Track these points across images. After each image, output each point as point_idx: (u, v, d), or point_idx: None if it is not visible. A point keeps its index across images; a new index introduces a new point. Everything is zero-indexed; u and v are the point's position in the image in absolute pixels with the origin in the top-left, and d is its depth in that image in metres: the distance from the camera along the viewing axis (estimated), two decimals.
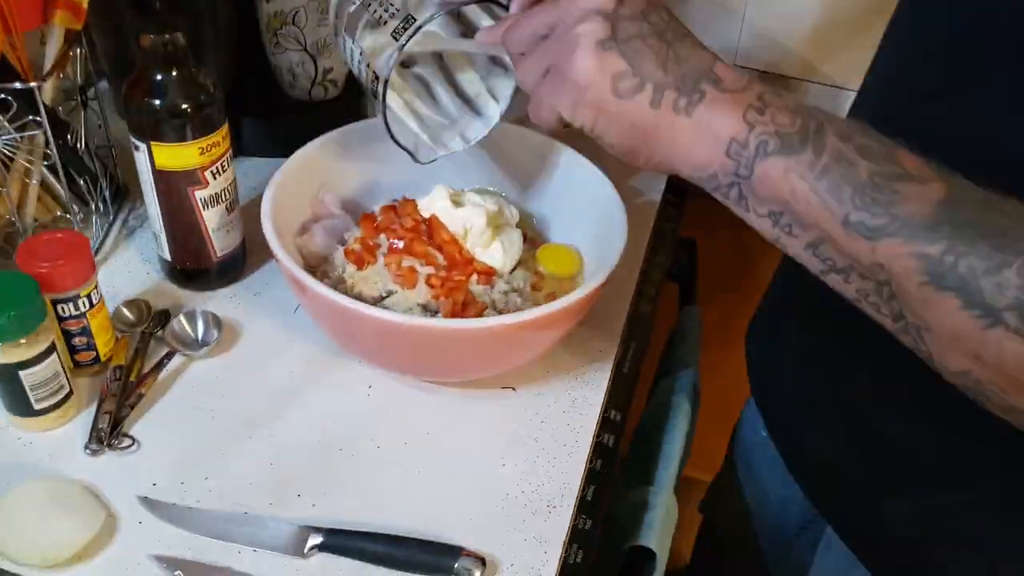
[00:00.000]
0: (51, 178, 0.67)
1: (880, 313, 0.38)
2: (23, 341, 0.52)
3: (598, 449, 0.64)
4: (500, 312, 0.61)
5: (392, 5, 0.55)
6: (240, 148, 0.83)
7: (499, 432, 0.60)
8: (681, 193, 0.91)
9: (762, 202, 0.40)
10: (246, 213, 0.69)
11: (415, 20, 0.53)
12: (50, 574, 0.49)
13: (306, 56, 0.81)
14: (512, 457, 0.58)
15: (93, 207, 0.70)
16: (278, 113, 0.85)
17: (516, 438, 0.60)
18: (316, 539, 0.51)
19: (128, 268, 0.70)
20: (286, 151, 0.81)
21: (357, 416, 0.60)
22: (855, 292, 0.39)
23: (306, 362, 0.64)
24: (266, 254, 0.62)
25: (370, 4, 0.57)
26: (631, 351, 0.76)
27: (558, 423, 0.61)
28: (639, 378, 0.78)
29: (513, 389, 0.63)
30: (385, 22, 0.55)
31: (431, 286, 0.60)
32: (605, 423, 0.66)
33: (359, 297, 0.60)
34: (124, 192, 0.77)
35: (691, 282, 1.00)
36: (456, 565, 0.50)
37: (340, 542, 0.51)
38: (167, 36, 0.56)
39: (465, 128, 0.64)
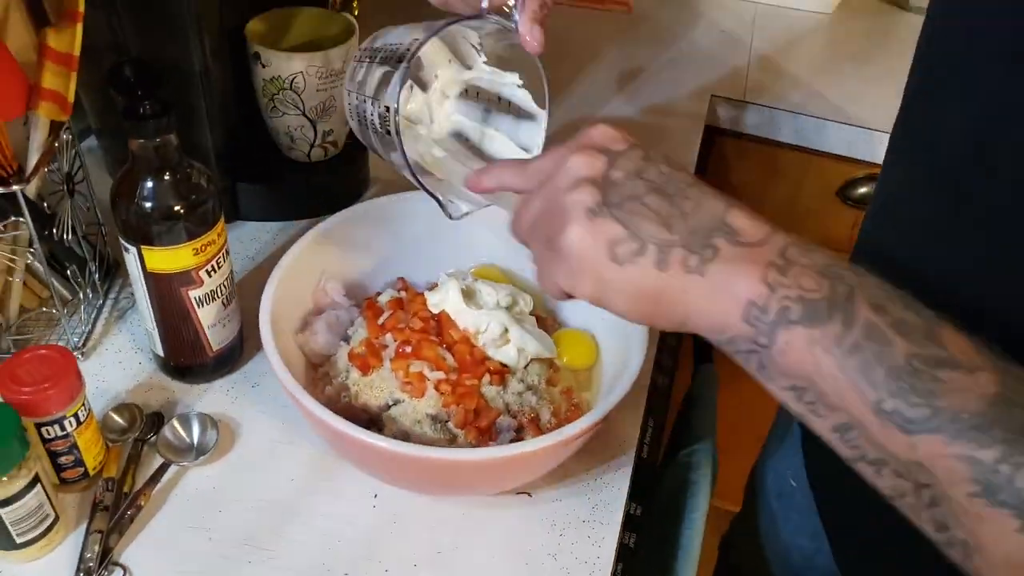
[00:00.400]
0: (37, 266, 0.63)
1: (920, 520, 0.34)
2: (3, 479, 0.48)
3: (620, 553, 0.60)
4: (513, 415, 0.58)
5: (396, 47, 0.52)
6: (237, 213, 0.80)
7: (515, 550, 0.56)
8: None
9: (784, 375, 0.35)
10: (244, 288, 0.65)
11: (413, 50, 0.50)
12: None
13: (305, 120, 0.77)
14: None
15: (81, 295, 0.66)
16: (276, 176, 0.81)
17: (534, 557, 0.56)
18: None
19: (119, 359, 0.67)
20: (286, 214, 0.77)
21: (363, 533, 0.57)
22: (890, 490, 0.34)
23: (308, 466, 0.60)
24: (252, 337, 0.58)
25: (377, 54, 0.54)
26: (649, 432, 0.73)
27: (578, 535, 0.58)
28: (659, 458, 0.75)
29: (529, 495, 0.60)
30: (388, 60, 0.52)
31: (441, 393, 0.57)
32: (627, 519, 0.63)
33: (364, 407, 0.57)
34: (114, 269, 0.73)
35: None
36: None
37: None
38: (158, 140, 0.52)
39: None
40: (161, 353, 0.63)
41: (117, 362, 0.66)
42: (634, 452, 0.64)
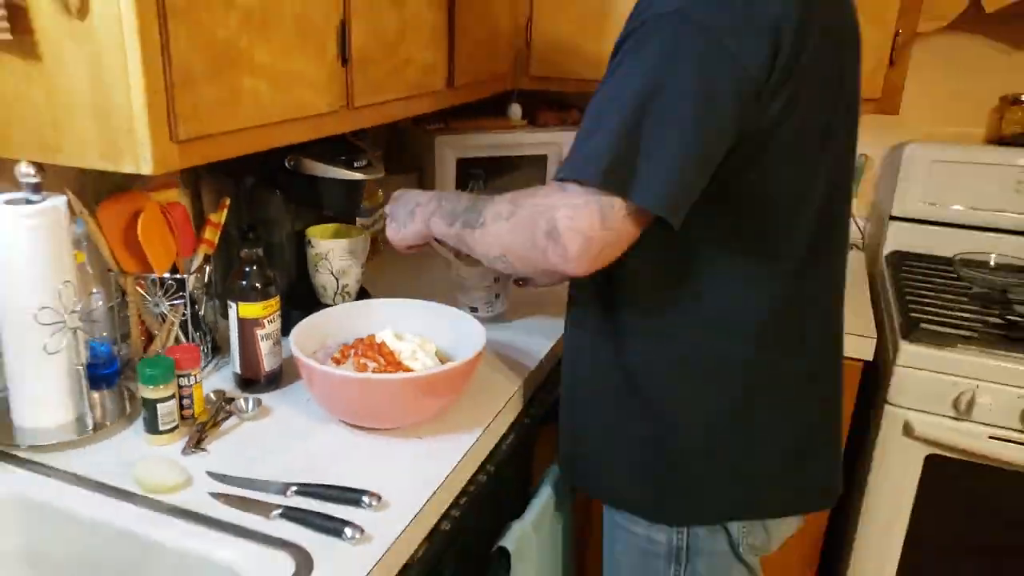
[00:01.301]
0: (179, 329, 1.23)
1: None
2: (161, 387, 1.03)
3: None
4: None
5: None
6: (288, 328, 1.39)
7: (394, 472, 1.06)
8: None
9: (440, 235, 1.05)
10: (285, 348, 1.22)
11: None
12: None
13: (332, 278, 1.39)
14: None
15: (203, 351, 1.24)
16: (314, 307, 1.41)
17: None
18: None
19: (218, 379, 1.23)
20: None
21: (329, 461, 1.06)
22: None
23: (304, 428, 1.12)
24: (293, 376, 1.14)
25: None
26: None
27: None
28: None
29: (420, 438, 1.10)
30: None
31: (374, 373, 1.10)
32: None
33: None
34: (219, 349, 1.31)
35: None
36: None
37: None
38: (255, 252, 1.14)
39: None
40: (238, 370, 1.19)
41: (217, 381, 1.22)
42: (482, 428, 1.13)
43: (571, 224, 0.85)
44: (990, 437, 1.47)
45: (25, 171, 0.99)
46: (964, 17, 1.68)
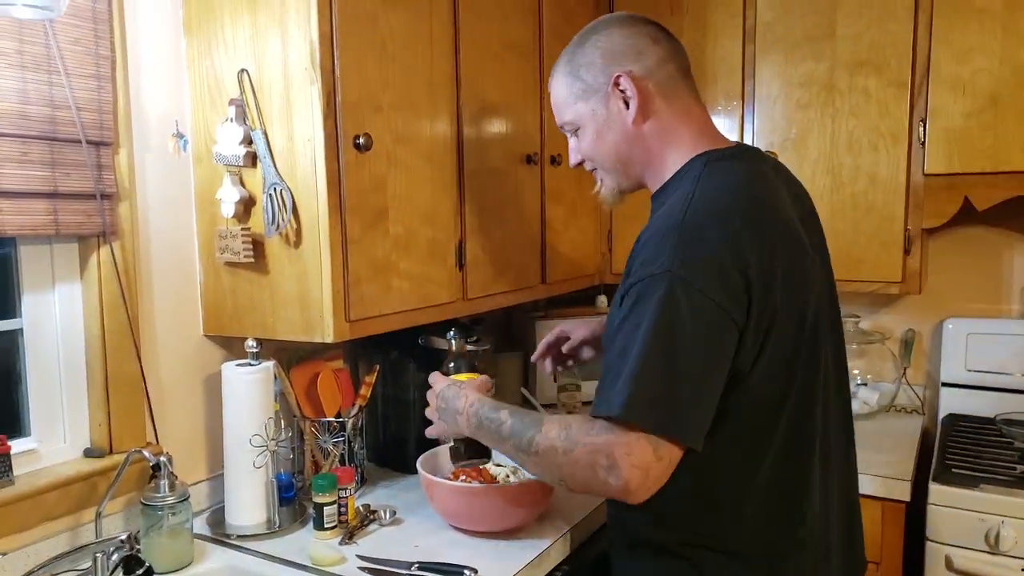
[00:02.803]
0: (338, 461, 1.67)
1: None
2: (327, 495, 1.46)
3: None
4: None
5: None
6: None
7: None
8: None
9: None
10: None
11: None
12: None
13: None
14: None
15: (357, 477, 1.67)
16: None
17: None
18: None
19: (366, 499, 1.64)
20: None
21: (442, 551, 1.43)
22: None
23: (425, 531, 1.50)
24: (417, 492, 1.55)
25: None
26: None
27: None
28: None
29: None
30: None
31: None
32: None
33: None
34: (365, 480, 1.74)
35: None
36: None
37: None
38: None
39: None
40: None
41: (364, 498, 1.64)
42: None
43: (630, 461, 0.97)
44: (1022, 570, 1.65)
45: (251, 344, 1.50)
46: (968, 214, 2.03)
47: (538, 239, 1.99)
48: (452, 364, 1.53)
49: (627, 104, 1.17)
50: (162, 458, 1.35)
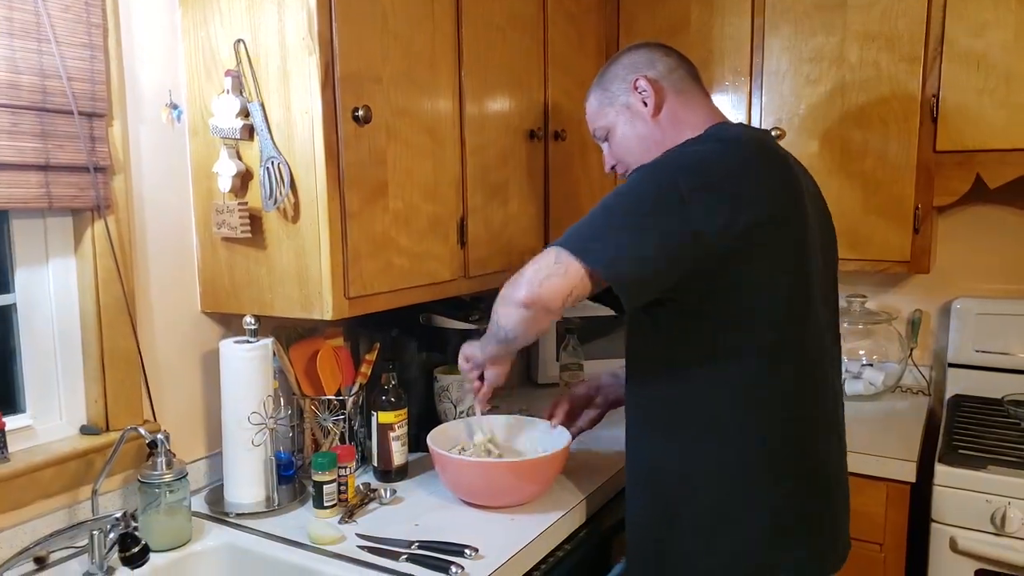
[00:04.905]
0: (338, 440, 1.65)
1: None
2: (327, 473, 1.44)
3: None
4: None
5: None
6: (419, 441, 1.78)
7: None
8: None
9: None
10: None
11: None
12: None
13: (451, 405, 1.80)
14: None
15: (356, 455, 1.66)
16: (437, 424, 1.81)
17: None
18: None
19: (366, 477, 1.63)
20: None
21: (443, 529, 1.42)
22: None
23: (426, 508, 1.49)
24: (417, 471, 1.53)
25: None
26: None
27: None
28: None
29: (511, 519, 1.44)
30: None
31: None
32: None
33: None
34: (367, 458, 1.72)
35: None
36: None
37: None
38: (392, 375, 1.58)
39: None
40: (375, 463, 1.59)
41: (362, 476, 1.62)
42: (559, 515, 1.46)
43: (534, 261, 1.20)
44: None
45: (249, 321, 1.48)
46: (979, 192, 1.99)
47: (542, 216, 1.96)
48: None
49: (645, 103, 1.37)
50: (159, 435, 1.33)
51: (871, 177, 2.00)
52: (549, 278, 1.17)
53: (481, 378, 1.47)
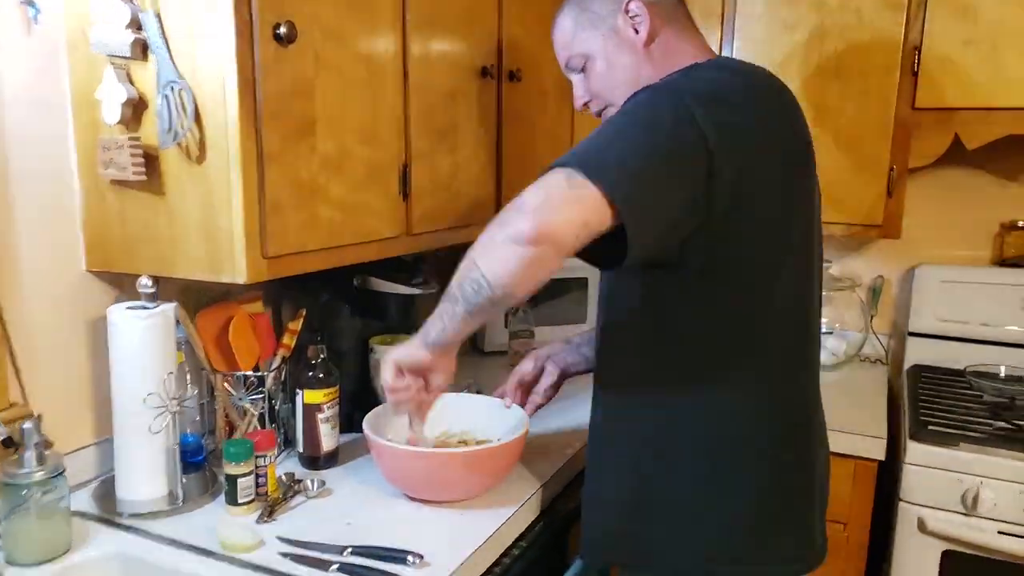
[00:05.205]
0: (257, 422, 1.42)
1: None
2: (242, 464, 1.22)
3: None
4: None
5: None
6: (352, 421, 1.57)
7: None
8: None
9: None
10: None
11: None
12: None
13: None
14: None
15: (277, 440, 1.43)
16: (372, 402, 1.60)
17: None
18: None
19: (289, 465, 1.41)
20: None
21: (380, 529, 1.22)
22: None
23: (359, 503, 1.28)
24: (348, 456, 1.32)
25: None
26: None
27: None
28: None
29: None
30: None
31: None
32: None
33: None
34: (291, 442, 1.50)
35: None
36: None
37: None
38: (320, 348, 1.35)
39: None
40: (301, 450, 1.37)
41: (286, 463, 1.40)
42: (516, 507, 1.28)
43: (537, 184, 0.96)
44: (999, 532, 1.54)
45: (144, 283, 1.23)
46: (952, 154, 1.87)
47: (494, 166, 1.74)
48: None
49: (636, 30, 1.16)
50: (26, 424, 1.08)
51: (845, 134, 1.85)
52: (565, 204, 0.93)
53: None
